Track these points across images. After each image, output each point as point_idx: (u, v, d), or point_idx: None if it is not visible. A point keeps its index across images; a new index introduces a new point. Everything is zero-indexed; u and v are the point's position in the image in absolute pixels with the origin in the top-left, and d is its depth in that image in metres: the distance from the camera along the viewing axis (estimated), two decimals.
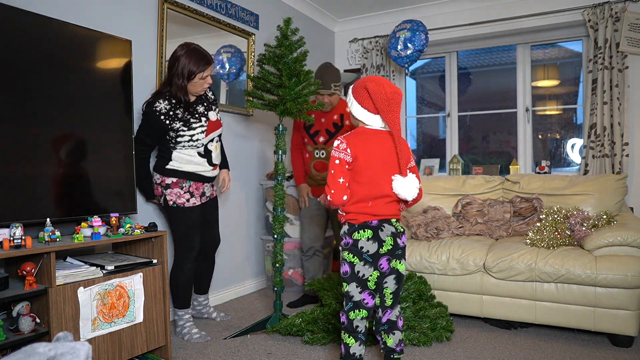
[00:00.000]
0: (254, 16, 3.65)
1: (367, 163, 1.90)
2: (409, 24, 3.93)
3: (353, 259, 1.94)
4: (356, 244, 1.93)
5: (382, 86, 1.87)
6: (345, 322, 1.96)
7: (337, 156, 1.91)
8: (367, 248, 1.94)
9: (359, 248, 1.93)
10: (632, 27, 3.45)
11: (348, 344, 1.96)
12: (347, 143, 1.90)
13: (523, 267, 2.60)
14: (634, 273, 2.37)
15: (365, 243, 1.94)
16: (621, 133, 3.48)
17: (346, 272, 1.96)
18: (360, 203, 1.93)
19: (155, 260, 2.29)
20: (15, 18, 1.94)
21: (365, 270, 1.95)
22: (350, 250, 1.94)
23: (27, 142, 1.98)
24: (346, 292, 1.96)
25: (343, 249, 1.97)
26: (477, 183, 3.50)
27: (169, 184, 2.56)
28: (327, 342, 2.52)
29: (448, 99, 4.48)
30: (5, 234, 1.80)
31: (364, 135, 1.94)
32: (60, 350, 0.87)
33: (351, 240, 1.94)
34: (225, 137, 3.44)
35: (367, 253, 1.94)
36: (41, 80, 2.03)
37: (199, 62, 2.46)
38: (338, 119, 3.26)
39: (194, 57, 2.46)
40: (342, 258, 1.98)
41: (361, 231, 1.93)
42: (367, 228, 1.94)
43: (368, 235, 1.93)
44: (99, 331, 1.99)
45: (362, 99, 1.90)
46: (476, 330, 2.76)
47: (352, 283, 1.94)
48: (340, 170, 1.90)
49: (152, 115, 2.45)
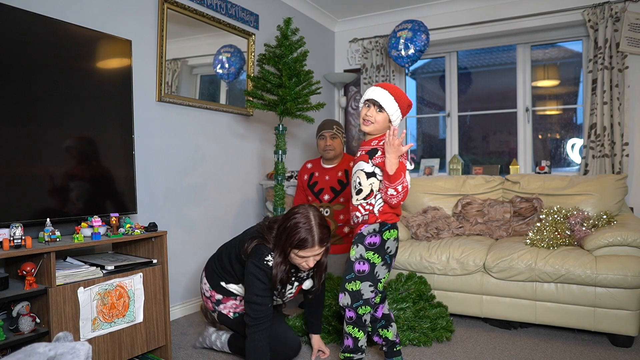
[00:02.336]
0: (254, 16, 3.65)
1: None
2: (409, 24, 3.93)
3: (376, 259, 1.97)
4: (384, 244, 1.97)
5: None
6: (354, 317, 1.98)
7: (405, 163, 1.94)
8: (391, 248, 2.00)
9: (385, 248, 1.97)
10: (632, 27, 3.45)
11: (357, 337, 1.99)
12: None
13: (523, 267, 2.60)
14: (634, 273, 2.37)
15: (392, 243, 2.00)
16: (621, 133, 3.48)
17: (363, 271, 1.97)
18: (395, 205, 1.98)
19: (155, 260, 2.29)
20: (15, 18, 1.94)
21: (383, 271, 1.99)
22: (376, 250, 1.96)
23: (27, 142, 1.99)
24: (357, 290, 1.97)
25: (367, 248, 1.97)
26: (477, 183, 3.50)
27: (220, 300, 2.26)
28: (327, 342, 2.52)
29: (448, 99, 4.48)
30: (5, 234, 1.80)
31: None
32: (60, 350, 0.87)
33: (379, 240, 1.96)
34: (225, 137, 3.44)
35: (390, 253, 1.99)
36: (41, 80, 2.03)
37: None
38: (343, 176, 3.19)
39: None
40: (360, 256, 1.98)
41: (391, 230, 1.98)
42: (395, 228, 2.00)
43: (395, 236, 2.00)
44: (99, 331, 1.99)
45: (405, 112, 2.03)
46: (476, 330, 2.76)
47: (366, 282, 1.96)
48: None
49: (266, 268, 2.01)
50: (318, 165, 3.30)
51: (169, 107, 2.95)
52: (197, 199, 3.18)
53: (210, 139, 3.28)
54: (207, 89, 3.34)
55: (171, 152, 2.96)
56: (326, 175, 3.21)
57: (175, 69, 3.01)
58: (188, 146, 3.10)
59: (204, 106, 3.20)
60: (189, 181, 3.11)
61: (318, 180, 3.24)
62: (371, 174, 2.00)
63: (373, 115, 2.00)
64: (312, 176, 3.28)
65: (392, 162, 1.86)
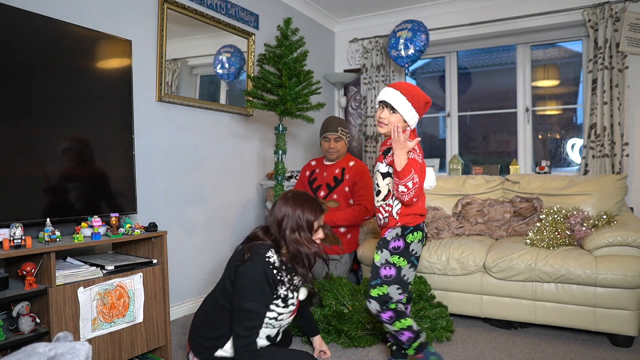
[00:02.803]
0: (254, 16, 3.65)
1: (423, 164, 1.96)
2: (409, 24, 3.93)
3: (402, 262, 1.95)
4: (408, 247, 1.95)
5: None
6: (392, 314, 1.97)
7: (418, 159, 1.92)
8: (417, 250, 1.98)
9: (410, 251, 1.96)
10: (632, 27, 3.45)
11: (410, 325, 1.98)
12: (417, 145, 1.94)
13: (523, 267, 2.60)
14: (634, 273, 2.37)
15: (416, 245, 1.97)
16: (621, 133, 3.48)
17: (390, 275, 1.95)
18: (415, 205, 1.96)
19: (155, 260, 2.29)
20: (15, 18, 1.94)
21: (410, 273, 1.98)
22: (401, 254, 1.95)
23: (27, 142, 1.98)
24: (385, 294, 1.96)
25: (392, 253, 1.96)
26: (477, 183, 3.50)
27: None
28: (327, 342, 2.52)
29: (448, 99, 4.48)
30: (5, 234, 1.80)
31: (414, 137, 1.98)
32: (60, 350, 0.87)
33: (403, 244, 1.95)
34: (225, 137, 3.44)
35: (415, 255, 1.98)
36: (41, 80, 2.03)
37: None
38: (339, 173, 3.19)
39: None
40: (386, 261, 1.97)
41: (415, 233, 1.96)
42: (419, 230, 1.97)
43: (419, 238, 1.97)
44: (99, 331, 1.99)
45: (422, 110, 1.99)
46: (476, 330, 2.76)
47: (394, 286, 1.96)
48: (422, 173, 1.94)
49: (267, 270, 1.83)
50: (320, 163, 3.33)
51: (169, 107, 2.95)
52: (197, 199, 3.18)
53: (210, 139, 3.28)
54: (207, 89, 3.34)
55: (171, 152, 2.96)
56: (325, 171, 3.24)
57: (175, 69, 3.01)
58: (188, 146, 3.10)
59: (204, 106, 3.20)
60: (189, 181, 3.11)
61: (317, 176, 3.26)
62: (386, 174, 1.99)
63: (386, 117, 1.98)
64: (313, 173, 3.31)
65: (400, 158, 1.82)
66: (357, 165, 3.20)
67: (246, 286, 1.79)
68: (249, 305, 1.77)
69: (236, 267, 1.84)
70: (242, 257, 1.84)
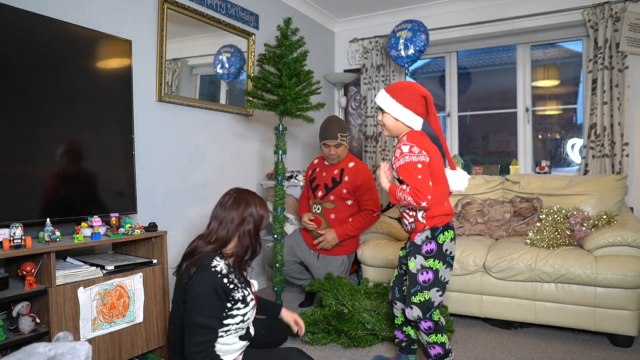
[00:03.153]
0: (254, 16, 3.65)
1: (436, 162, 1.92)
2: (409, 24, 3.93)
3: (438, 265, 1.92)
4: (441, 248, 1.92)
5: (427, 92, 1.94)
6: (432, 325, 1.95)
7: (417, 160, 1.85)
8: (450, 249, 1.95)
9: (444, 251, 1.93)
10: (632, 27, 3.45)
11: (443, 342, 1.96)
12: (417, 145, 1.87)
13: (523, 267, 2.60)
14: (634, 273, 2.37)
15: (449, 244, 1.94)
16: (621, 133, 3.48)
17: (428, 279, 1.92)
18: (440, 204, 1.92)
19: (155, 260, 2.29)
20: (15, 18, 1.94)
21: (447, 273, 1.96)
22: (435, 256, 1.92)
23: (27, 142, 1.98)
24: (427, 299, 1.93)
25: (426, 257, 1.93)
26: (477, 183, 3.50)
27: None
28: (327, 342, 2.52)
29: (448, 99, 4.48)
30: (5, 234, 1.80)
31: (423, 137, 1.95)
32: (60, 350, 0.87)
33: (435, 246, 1.92)
34: (225, 137, 3.44)
35: (450, 255, 1.95)
36: (41, 80, 2.03)
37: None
38: (338, 174, 3.14)
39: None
40: (422, 266, 1.93)
41: (446, 232, 1.93)
42: (449, 229, 1.95)
43: (451, 236, 1.95)
44: (99, 331, 1.99)
45: (418, 107, 1.92)
46: (476, 330, 2.76)
47: (434, 289, 1.93)
48: (427, 173, 1.86)
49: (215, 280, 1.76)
50: (322, 162, 3.30)
51: (169, 107, 2.95)
52: (197, 199, 3.18)
53: (210, 139, 3.28)
54: (207, 89, 3.34)
55: (171, 152, 2.96)
56: (324, 171, 3.21)
57: (175, 69, 3.01)
58: (188, 146, 3.10)
59: (204, 106, 3.20)
60: (189, 181, 3.11)
61: (317, 175, 3.23)
62: (400, 180, 1.96)
63: (381, 119, 2.00)
64: (314, 172, 3.28)
65: (384, 188, 1.97)
66: (357, 166, 3.14)
67: (193, 300, 1.71)
68: (197, 319, 1.69)
69: (185, 285, 1.77)
70: (188, 273, 1.76)
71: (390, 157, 4.40)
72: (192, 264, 1.77)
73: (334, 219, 3.11)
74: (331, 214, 3.12)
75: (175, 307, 1.84)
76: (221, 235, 1.84)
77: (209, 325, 1.70)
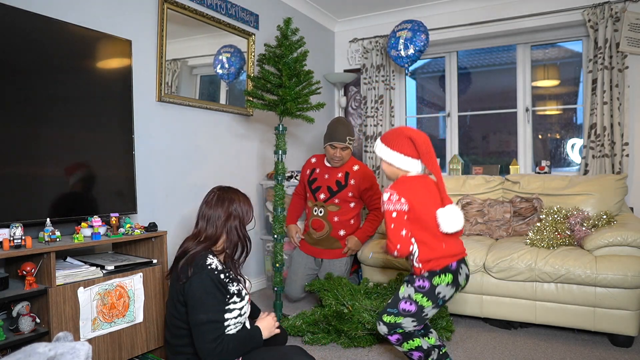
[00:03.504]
0: (254, 16, 3.65)
1: (425, 207, 1.92)
2: (409, 24, 3.92)
3: (426, 302, 1.92)
4: (434, 289, 1.91)
5: (418, 133, 1.97)
6: (400, 337, 1.97)
7: (394, 208, 1.89)
8: (445, 293, 1.93)
9: (436, 294, 1.91)
10: (632, 27, 3.45)
11: (419, 345, 1.96)
12: (398, 192, 1.90)
13: (523, 267, 2.60)
14: (634, 273, 2.37)
15: (444, 289, 1.92)
16: (621, 133, 3.48)
17: (408, 310, 1.93)
18: (435, 249, 1.91)
19: (155, 260, 2.29)
20: (15, 18, 1.94)
21: (432, 312, 1.95)
22: (426, 294, 1.92)
23: (27, 142, 1.99)
24: (397, 323, 1.94)
25: (416, 290, 1.93)
26: (477, 183, 3.50)
27: None
28: (327, 342, 2.52)
29: (448, 99, 4.48)
30: (5, 234, 1.80)
31: (411, 181, 1.98)
32: (60, 350, 0.87)
33: (428, 285, 1.91)
34: (225, 137, 3.44)
35: (443, 298, 1.93)
36: (41, 80, 2.03)
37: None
38: (342, 177, 3.08)
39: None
40: (409, 296, 1.94)
41: (442, 276, 1.91)
42: (448, 272, 1.92)
43: (448, 281, 1.92)
44: (99, 331, 1.99)
45: (405, 148, 1.96)
46: (476, 330, 2.76)
47: (409, 318, 1.93)
48: (400, 222, 1.89)
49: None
50: (321, 162, 3.22)
51: (169, 107, 2.95)
52: (197, 199, 3.15)
53: (210, 139, 3.28)
54: (207, 89, 3.34)
55: (171, 152, 2.96)
56: (326, 173, 3.15)
57: (175, 69, 3.01)
58: (188, 146, 3.10)
59: (204, 106, 3.20)
60: (189, 181, 3.11)
61: (318, 177, 3.16)
62: None
63: (382, 168, 2.11)
64: (313, 172, 3.21)
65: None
66: (361, 169, 3.11)
67: (199, 300, 1.73)
68: (207, 317, 1.72)
69: (182, 286, 1.77)
70: (185, 274, 1.77)
71: None
72: (188, 264, 1.78)
73: (337, 221, 3.10)
74: (334, 217, 3.10)
75: (171, 308, 1.84)
76: (210, 233, 1.87)
77: (217, 320, 1.73)
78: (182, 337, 1.81)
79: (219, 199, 1.91)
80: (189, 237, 1.91)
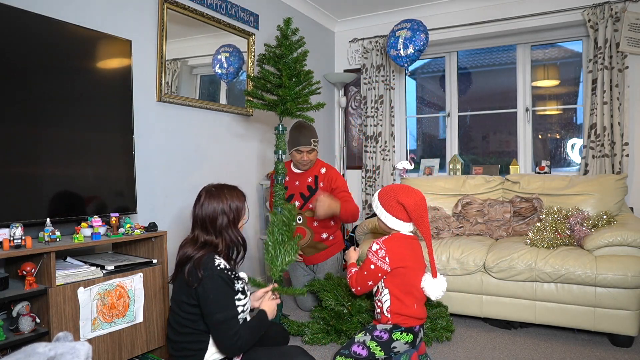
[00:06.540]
0: (254, 16, 3.65)
1: (408, 269, 2.01)
2: (409, 24, 3.92)
3: (378, 352, 1.97)
4: (390, 343, 1.97)
5: (413, 197, 2.02)
6: None
7: (375, 262, 2.01)
8: (400, 349, 1.98)
9: (392, 347, 1.97)
10: (632, 27, 3.45)
11: None
12: (386, 251, 2.00)
13: (523, 267, 2.60)
14: (634, 273, 2.37)
15: (402, 346, 1.98)
16: (621, 133, 3.48)
17: (360, 355, 1.97)
18: (407, 307, 1.99)
19: (155, 260, 2.29)
20: (15, 18, 1.94)
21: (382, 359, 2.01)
22: (381, 344, 1.97)
23: (27, 142, 1.99)
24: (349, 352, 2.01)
25: (372, 339, 1.98)
26: (477, 183, 3.50)
27: None
28: (327, 342, 2.52)
29: (448, 99, 4.48)
30: (5, 234, 1.80)
31: (401, 241, 2.06)
32: (60, 350, 0.87)
33: (387, 337, 1.97)
34: (225, 137, 3.44)
35: (397, 353, 1.98)
36: (41, 80, 2.03)
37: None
38: (312, 182, 3.07)
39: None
40: (363, 342, 1.99)
41: (404, 334, 1.98)
42: (410, 332, 1.99)
43: (408, 340, 1.98)
44: (99, 331, 1.99)
45: (397, 212, 2.05)
46: (476, 330, 2.76)
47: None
48: (374, 276, 2.03)
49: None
50: (289, 170, 3.13)
51: (169, 107, 2.95)
52: None
53: (210, 139, 3.28)
54: (207, 89, 3.34)
55: (171, 152, 2.96)
56: (296, 180, 3.11)
57: (175, 69, 3.01)
58: (188, 146, 3.10)
59: (204, 106, 3.20)
60: (189, 181, 3.11)
61: (288, 185, 3.07)
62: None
63: (376, 220, 2.20)
64: (284, 180, 3.09)
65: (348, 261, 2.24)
66: (329, 172, 3.10)
67: (214, 300, 1.76)
68: (224, 315, 1.76)
69: (195, 290, 1.78)
70: (196, 277, 1.77)
71: (390, 157, 4.41)
72: (196, 267, 1.78)
73: (317, 226, 3.08)
74: (314, 222, 3.07)
75: (176, 309, 1.85)
76: (209, 239, 1.88)
77: (234, 315, 1.79)
78: (187, 334, 1.83)
79: (208, 201, 1.91)
80: (187, 242, 1.90)
